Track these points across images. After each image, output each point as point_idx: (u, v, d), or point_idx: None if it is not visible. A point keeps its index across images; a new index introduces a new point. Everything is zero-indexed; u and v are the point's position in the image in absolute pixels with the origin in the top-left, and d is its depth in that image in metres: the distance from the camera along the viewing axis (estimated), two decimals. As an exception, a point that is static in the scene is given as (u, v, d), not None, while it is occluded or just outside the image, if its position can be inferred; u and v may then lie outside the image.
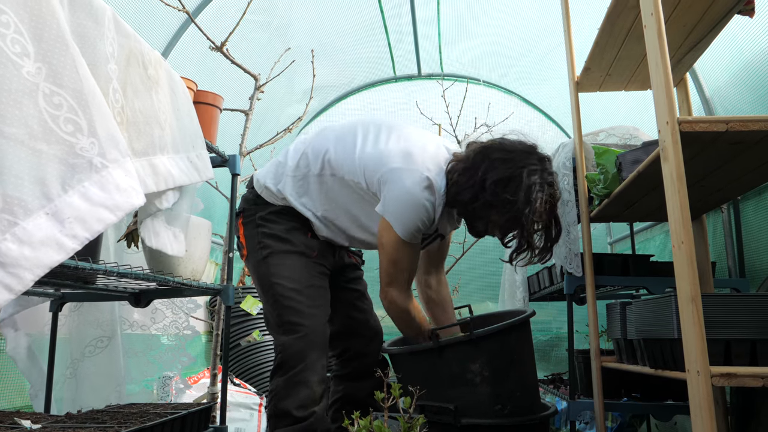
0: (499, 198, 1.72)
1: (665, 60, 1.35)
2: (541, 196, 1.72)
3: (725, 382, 1.24)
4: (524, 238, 1.77)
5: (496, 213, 1.76)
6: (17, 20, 1.11)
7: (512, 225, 1.77)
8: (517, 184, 1.71)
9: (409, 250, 1.84)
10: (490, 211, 1.77)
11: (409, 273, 1.89)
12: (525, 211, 1.70)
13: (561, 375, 3.34)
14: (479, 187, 1.74)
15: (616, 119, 3.31)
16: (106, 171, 1.16)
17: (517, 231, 1.78)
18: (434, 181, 1.77)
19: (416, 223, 1.78)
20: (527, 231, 1.74)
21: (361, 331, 2.12)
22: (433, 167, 1.80)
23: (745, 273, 2.47)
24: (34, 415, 1.75)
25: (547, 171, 1.78)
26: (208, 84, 2.30)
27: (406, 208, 1.76)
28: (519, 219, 1.72)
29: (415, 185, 1.75)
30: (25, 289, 1.04)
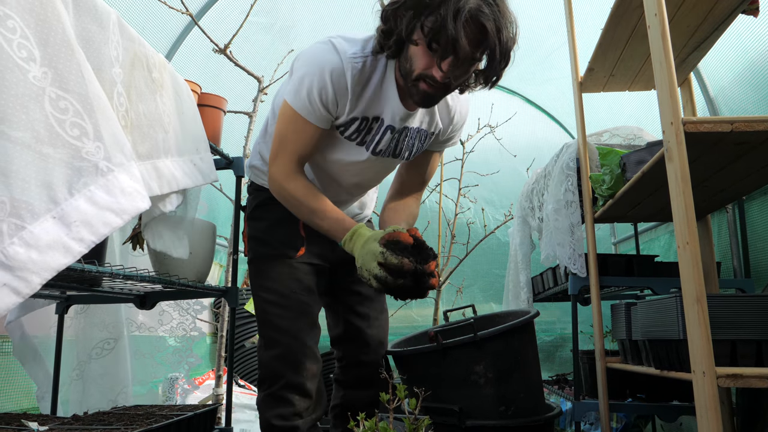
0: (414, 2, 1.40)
1: (669, 61, 1.35)
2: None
3: (731, 383, 1.24)
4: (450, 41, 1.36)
5: (417, 21, 1.41)
6: (23, 25, 1.12)
7: (434, 22, 1.37)
8: None
9: (298, 126, 1.56)
10: (410, 18, 1.41)
11: (295, 155, 1.60)
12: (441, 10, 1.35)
13: (566, 376, 3.34)
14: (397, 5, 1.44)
15: (621, 119, 3.31)
16: (111, 175, 1.17)
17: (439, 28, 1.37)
18: (337, 43, 1.52)
19: (310, 90, 1.50)
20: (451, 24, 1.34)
21: (359, 338, 1.91)
22: (345, 36, 1.57)
23: (750, 273, 2.46)
24: (41, 417, 1.76)
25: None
26: (211, 86, 2.31)
27: (301, 75, 1.52)
28: (438, 10, 1.36)
29: (314, 52, 1.53)
30: (32, 292, 1.05)
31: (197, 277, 1.96)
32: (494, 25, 1.37)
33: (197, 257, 1.88)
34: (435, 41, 1.39)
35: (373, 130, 1.65)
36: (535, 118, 4.59)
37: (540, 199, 2.84)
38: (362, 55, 1.53)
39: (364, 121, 1.63)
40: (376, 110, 1.62)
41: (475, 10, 1.35)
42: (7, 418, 1.70)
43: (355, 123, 1.62)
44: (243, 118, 2.95)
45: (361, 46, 1.54)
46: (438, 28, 1.36)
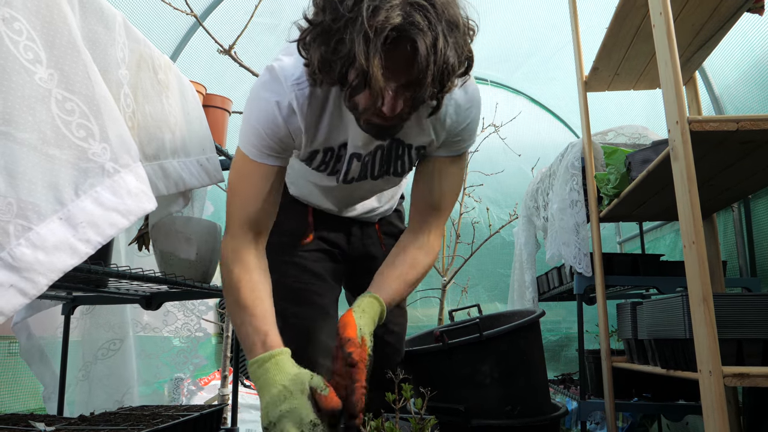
0: (318, 4, 1.09)
1: (675, 60, 1.35)
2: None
3: (738, 382, 1.24)
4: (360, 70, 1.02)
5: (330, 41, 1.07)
6: (29, 27, 1.12)
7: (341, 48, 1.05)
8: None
9: (250, 171, 1.30)
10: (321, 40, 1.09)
11: (245, 210, 1.31)
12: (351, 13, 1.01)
13: (571, 375, 3.34)
14: (307, 25, 1.13)
15: (626, 117, 3.30)
16: (118, 176, 1.17)
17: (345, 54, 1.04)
18: (278, 67, 1.24)
19: (255, 127, 1.26)
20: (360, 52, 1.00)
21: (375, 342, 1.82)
22: (289, 55, 1.26)
23: (756, 272, 2.45)
24: (48, 418, 1.77)
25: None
26: (216, 86, 2.31)
27: (247, 114, 1.30)
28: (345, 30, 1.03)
29: (255, 87, 1.29)
30: (39, 293, 1.05)
31: (203, 278, 1.96)
32: (430, 37, 1.01)
33: (203, 258, 1.88)
34: (345, 78, 1.07)
35: (343, 158, 1.40)
36: (539, 117, 4.58)
37: (545, 198, 2.84)
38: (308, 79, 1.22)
39: (329, 151, 1.38)
40: (341, 137, 1.35)
41: (401, 24, 0.99)
42: (15, 418, 1.71)
43: (318, 155, 1.38)
44: (248, 119, 2.95)
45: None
46: (346, 59, 1.03)
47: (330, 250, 1.66)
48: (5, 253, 1.03)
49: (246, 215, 1.32)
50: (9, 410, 2.08)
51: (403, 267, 1.43)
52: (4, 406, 2.12)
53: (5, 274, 1.02)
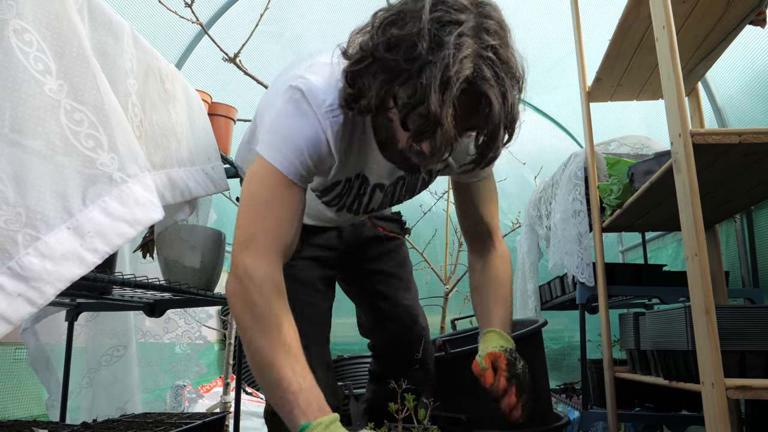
0: (387, 40, 1.04)
1: (677, 73, 1.36)
2: (466, 42, 0.99)
3: (740, 394, 1.24)
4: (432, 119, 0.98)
5: (392, 77, 1.04)
6: (40, 38, 1.13)
7: (412, 91, 1.01)
8: (415, 16, 1.02)
9: (284, 190, 1.20)
10: (382, 77, 1.05)
11: (279, 236, 1.19)
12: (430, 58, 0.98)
13: (573, 384, 3.33)
14: (367, 40, 1.08)
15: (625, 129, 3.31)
16: (125, 185, 1.18)
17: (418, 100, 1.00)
18: (308, 91, 1.18)
19: (297, 144, 1.17)
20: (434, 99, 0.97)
21: (386, 322, 1.73)
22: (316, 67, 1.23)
23: (759, 282, 2.45)
24: (51, 425, 1.77)
25: (484, 14, 1.04)
26: (221, 94, 2.32)
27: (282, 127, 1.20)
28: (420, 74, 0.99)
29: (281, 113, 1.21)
30: (46, 303, 1.06)
31: (206, 286, 1.97)
32: (498, 91, 1.01)
33: (207, 266, 1.89)
34: (411, 120, 1.04)
35: (354, 189, 1.36)
36: (542, 126, 4.59)
37: (548, 207, 2.84)
38: (342, 104, 1.18)
39: (346, 183, 1.34)
40: (360, 167, 1.31)
41: (473, 77, 0.98)
42: (18, 425, 1.71)
43: (337, 187, 1.34)
44: (252, 127, 2.97)
45: (340, 91, 1.18)
46: (416, 103, 0.99)
47: (322, 256, 1.64)
48: (14, 263, 1.04)
49: (280, 241, 1.20)
50: (13, 416, 2.08)
51: (492, 289, 1.51)
52: (7, 412, 2.12)
53: (14, 283, 1.03)
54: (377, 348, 1.84)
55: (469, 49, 0.98)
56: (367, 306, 1.79)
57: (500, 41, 1.03)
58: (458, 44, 0.98)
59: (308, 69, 1.23)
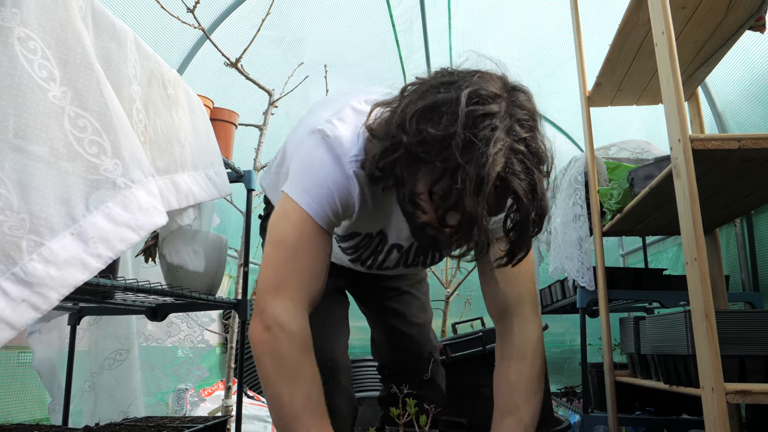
0: (422, 137, 1.02)
1: (677, 78, 1.37)
2: (499, 136, 0.98)
3: (740, 399, 1.25)
4: (467, 217, 0.99)
5: (422, 170, 1.05)
6: (44, 46, 1.14)
7: (446, 190, 1.01)
8: (449, 110, 1.01)
9: (313, 236, 1.19)
10: (412, 168, 1.06)
11: (308, 276, 1.19)
12: (463, 158, 0.97)
13: (574, 388, 3.34)
14: (397, 127, 1.07)
15: (628, 132, 3.32)
16: (129, 191, 1.19)
17: (454, 202, 1.00)
18: (334, 140, 1.18)
19: (329, 189, 1.18)
20: (469, 200, 0.97)
21: (397, 340, 1.71)
22: (344, 123, 1.22)
23: (759, 287, 2.46)
24: (53, 428, 1.78)
25: (516, 103, 1.05)
26: (223, 99, 2.34)
27: (309, 171, 1.20)
28: (454, 175, 0.99)
29: (310, 161, 1.21)
30: (50, 308, 1.07)
31: (208, 290, 1.98)
32: (528, 185, 1.01)
33: (209, 270, 1.90)
34: (446, 213, 1.03)
35: (372, 245, 1.36)
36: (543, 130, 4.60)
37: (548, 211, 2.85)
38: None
39: (366, 237, 1.34)
40: (380, 224, 1.32)
41: (505, 173, 0.98)
42: (21, 428, 1.72)
43: (356, 238, 1.34)
44: (253, 131, 2.98)
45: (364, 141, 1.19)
46: (453, 202, 0.99)
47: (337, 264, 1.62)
48: (18, 268, 1.05)
49: (311, 291, 1.20)
50: (15, 420, 2.09)
51: (504, 395, 1.36)
52: (11, 415, 2.13)
53: (18, 288, 1.04)
54: (386, 368, 1.81)
55: (501, 143, 0.98)
56: (381, 323, 1.77)
57: (530, 133, 1.04)
58: (491, 139, 0.98)
59: (335, 115, 1.23)
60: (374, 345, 1.86)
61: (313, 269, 1.20)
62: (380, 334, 1.79)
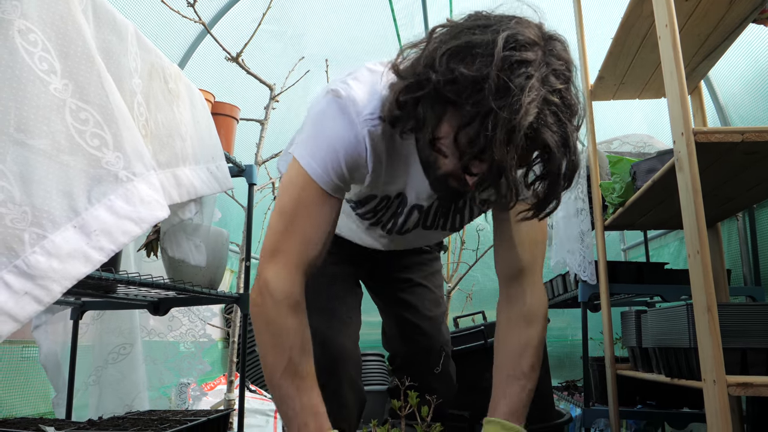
0: (452, 77, 0.96)
1: (680, 72, 1.36)
2: (534, 85, 0.93)
3: (741, 391, 1.25)
4: (495, 166, 0.95)
5: (449, 112, 1.00)
6: (44, 38, 1.14)
7: (474, 135, 0.95)
8: (484, 52, 0.95)
9: (315, 201, 1.18)
10: (438, 108, 1.01)
11: (304, 242, 1.18)
12: (496, 103, 0.92)
13: (575, 382, 3.34)
14: (425, 64, 1.01)
15: (630, 127, 3.31)
16: (131, 184, 1.19)
17: (482, 149, 0.95)
18: (348, 99, 1.14)
19: (335, 150, 1.15)
20: (498, 149, 0.93)
21: (408, 333, 1.70)
22: (361, 76, 1.19)
23: (760, 280, 2.46)
24: (57, 422, 1.78)
25: (553, 53, 1.00)
26: (224, 93, 2.33)
27: (318, 133, 1.18)
28: (484, 121, 0.93)
29: (321, 115, 1.18)
30: (53, 301, 1.07)
31: (210, 284, 1.98)
32: (560, 138, 0.97)
33: (211, 264, 1.90)
34: (472, 161, 0.99)
35: (392, 207, 1.33)
36: (544, 124, 4.59)
37: (550, 206, 2.84)
38: (381, 114, 1.13)
39: (384, 199, 1.30)
40: (399, 186, 1.28)
41: (537, 124, 0.94)
42: (25, 422, 1.72)
43: (373, 201, 1.31)
44: (254, 126, 2.98)
45: (381, 100, 1.14)
46: (481, 148, 0.95)
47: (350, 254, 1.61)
48: (20, 261, 1.05)
49: (305, 257, 1.19)
50: (19, 414, 2.10)
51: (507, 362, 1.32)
52: (15, 409, 2.14)
53: (20, 281, 1.04)
54: (397, 360, 1.80)
55: (535, 93, 0.93)
56: (392, 315, 1.75)
57: (565, 85, 0.99)
58: (525, 88, 0.93)
59: (350, 75, 1.20)
60: (385, 337, 1.84)
61: (311, 235, 1.19)
62: (392, 325, 1.78)
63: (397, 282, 1.71)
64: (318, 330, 1.33)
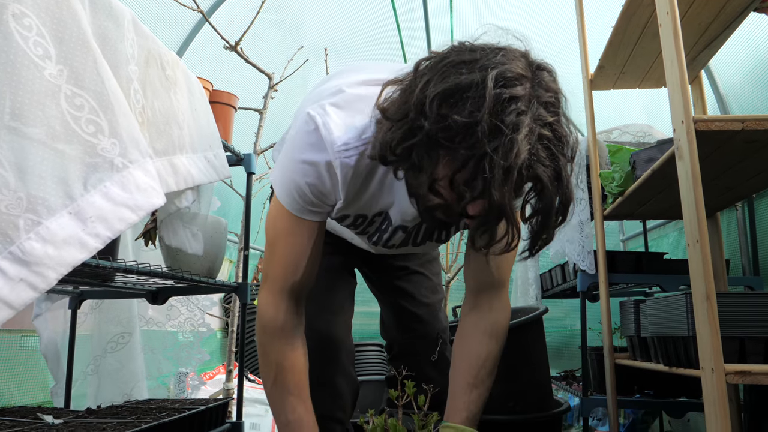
0: (445, 123, 0.94)
1: (681, 59, 1.36)
2: (524, 121, 0.92)
3: (739, 379, 1.25)
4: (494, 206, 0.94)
5: (443, 156, 0.98)
6: (39, 23, 1.13)
7: (470, 178, 0.95)
8: (474, 94, 0.93)
9: (290, 228, 1.25)
10: (432, 154, 0.99)
11: (284, 268, 1.27)
12: (490, 146, 0.91)
13: (574, 372, 3.35)
14: (416, 110, 0.98)
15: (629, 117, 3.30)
16: (127, 171, 1.18)
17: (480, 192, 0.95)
18: (324, 128, 1.14)
19: (296, 182, 1.18)
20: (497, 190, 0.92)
21: (405, 321, 1.72)
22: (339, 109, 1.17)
23: (759, 270, 2.46)
24: (56, 411, 1.78)
25: (542, 85, 0.99)
26: (222, 83, 2.32)
27: (287, 163, 1.22)
28: (480, 164, 0.92)
29: (297, 140, 1.20)
30: (48, 287, 1.07)
31: (209, 273, 1.98)
32: (553, 172, 0.97)
33: (209, 253, 1.90)
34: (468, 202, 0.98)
35: (376, 223, 1.34)
36: (544, 115, 4.58)
37: (549, 196, 2.84)
38: (357, 145, 1.14)
39: (360, 218, 1.32)
40: (380, 206, 1.28)
41: (530, 160, 0.93)
42: (23, 411, 1.72)
43: (348, 219, 1.32)
44: (253, 115, 2.97)
45: (360, 129, 1.14)
46: (480, 191, 0.94)
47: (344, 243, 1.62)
48: (15, 247, 1.04)
49: (288, 282, 1.28)
50: (18, 403, 2.10)
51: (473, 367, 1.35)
52: (13, 398, 2.14)
53: (15, 267, 1.03)
54: (394, 348, 1.80)
55: (527, 129, 0.93)
56: (389, 303, 1.77)
57: (555, 117, 0.99)
58: (518, 125, 0.92)
59: (333, 98, 1.19)
60: (383, 326, 1.85)
61: (291, 260, 1.27)
62: (389, 313, 1.79)
63: (393, 270, 1.72)
64: (310, 321, 1.40)
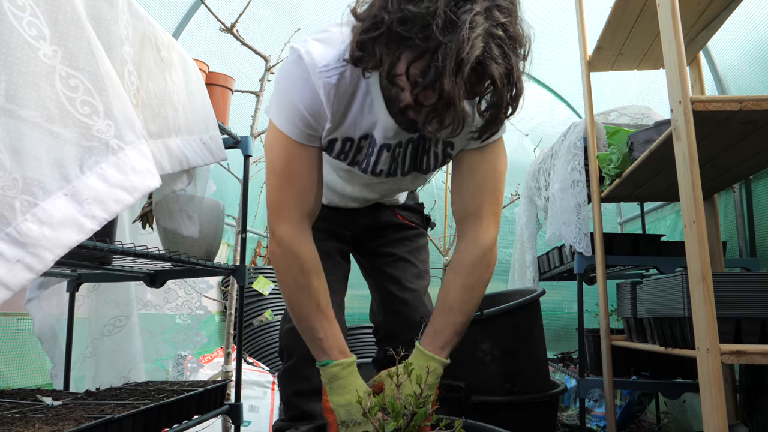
0: (402, 15, 1.03)
1: (679, 40, 1.35)
2: (479, 20, 1.01)
3: (735, 359, 1.26)
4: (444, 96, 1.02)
5: (403, 50, 1.06)
6: (33, 3, 1.12)
7: (425, 69, 1.03)
8: (429, 9, 1.01)
9: (299, 156, 1.32)
10: (392, 46, 1.07)
11: (304, 201, 1.35)
12: (445, 39, 1.00)
13: (571, 354, 3.37)
14: (380, 6, 1.08)
15: (627, 98, 3.29)
16: (122, 153, 1.18)
17: (431, 80, 1.03)
18: (306, 53, 1.25)
19: (297, 107, 1.27)
20: (448, 80, 1.00)
21: (391, 304, 1.79)
22: (323, 35, 1.28)
23: (756, 252, 2.46)
24: (55, 393, 1.79)
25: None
26: (219, 65, 2.30)
27: (285, 94, 1.30)
28: (434, 55, 1.01)
29: (283, 70, 1.31)
30: (45, 269, 1.07)
31: (206, 256, 1.98)
32: (504, 70, 1.05)
33: (206, 236, 1.90)
34: (423, 92, 1.06)
35: (364, 149, 1.40)
36: (542, 97, 4.57)
37: (546, 178, 2.84)
38: (337, 66, 1.24)
39: (347, 142, 1.38)
40: (364, 128, 1.35)
41: (483, 57, 1.01)
42: (22, 393, 1.73)
43: (336, 144, 1.38)
44: (250, 98, 2.95)
45: (338, 53, 1.24)
46: (431, 80, 1.03)
47: (337, 231, 1.73)
48: (12, 229, 1.04)
49: (305, 205, 1.36)
50: (17, 386, 2.10)
51: (448, 298, 1.42)
52: (11, 381, 2.15)
53: (12, 249, 1.03)
54: (380, 331, 1.88)
55: (480, 28, 1.00)
56: (376, 287, 1.85)
57: (510, 18, 1.06)
58: (471, 24, 1.00)
59: (317, 35, 1.29)
60: (372, 310, 1.95)
61: (304, 186, 1.35)
62: (376, 297, 1.88)
63: (381, 256, 1.82)
64: None
